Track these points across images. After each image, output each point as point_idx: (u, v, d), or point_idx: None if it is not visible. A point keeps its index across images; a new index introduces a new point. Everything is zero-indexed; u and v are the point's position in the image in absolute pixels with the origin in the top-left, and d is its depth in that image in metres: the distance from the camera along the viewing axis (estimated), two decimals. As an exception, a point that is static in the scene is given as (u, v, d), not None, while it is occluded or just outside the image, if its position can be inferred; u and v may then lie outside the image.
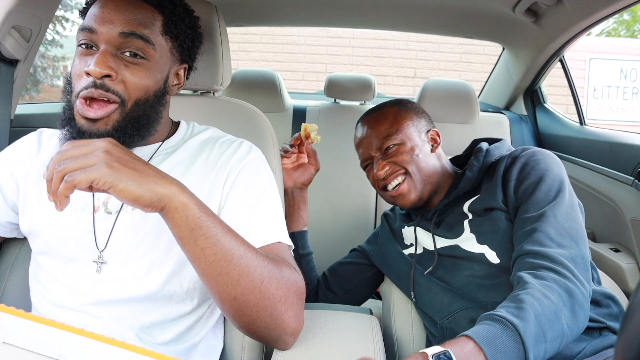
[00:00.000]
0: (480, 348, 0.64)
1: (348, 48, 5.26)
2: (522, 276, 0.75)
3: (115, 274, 0.72)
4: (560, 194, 0.86)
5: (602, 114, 4.90)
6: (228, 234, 0.61)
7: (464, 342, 0.66)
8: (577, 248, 0.79)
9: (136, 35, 0.68)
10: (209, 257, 0.59)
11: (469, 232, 0.94)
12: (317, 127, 1.21)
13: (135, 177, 0.55)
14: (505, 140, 1.08)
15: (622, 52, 5.09)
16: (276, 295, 0.63)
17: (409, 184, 1.01)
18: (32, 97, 7.28)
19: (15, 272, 0.84)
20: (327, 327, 0.78)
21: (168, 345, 0.74)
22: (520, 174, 0.91)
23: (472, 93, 1.93)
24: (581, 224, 0.85)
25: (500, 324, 0.67)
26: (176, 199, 0.57)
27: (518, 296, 0.71)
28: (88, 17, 0.69)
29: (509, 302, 0.71)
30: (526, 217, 0.84)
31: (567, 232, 0.81)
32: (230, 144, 0.81)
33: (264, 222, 0.73)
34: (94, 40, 0.68)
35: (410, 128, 1.04)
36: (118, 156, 0.56)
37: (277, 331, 0.65)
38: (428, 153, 1.04)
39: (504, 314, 0.68)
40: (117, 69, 0.67)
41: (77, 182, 0.53)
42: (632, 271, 1.37)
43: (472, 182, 0.99)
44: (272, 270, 0.64)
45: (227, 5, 1.77)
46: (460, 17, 1.77)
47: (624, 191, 1.44)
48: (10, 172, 0.78)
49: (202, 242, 0.59)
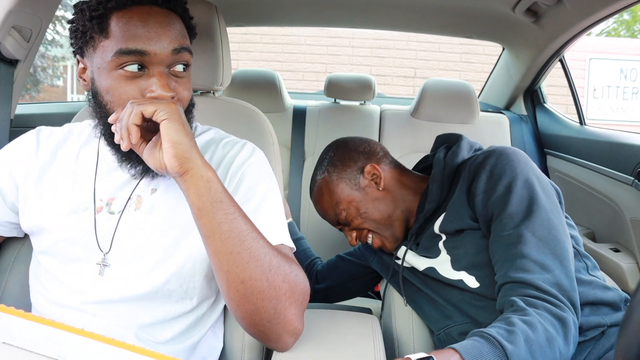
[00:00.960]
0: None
1: (348, 48, 5.26)
2: (515, 300, 0.73)
3: (117, 275, 0.72)
4: (534, 201, 0.80)
5: (602, 114, 4.90)
6: (243, 216, 0.63)
7: (450, 354, 0.66)
8: (560, 267, 0.75)
9: (185, 49, 0.68)
10: (224, 232, 0.60)
11: (445, 253, 0.91)
12: None
13: (184, 131, 0.61)
14: (464, 140, 1.00)
15: (622, 52, 5.09)
16: (282, 287, 0.63)
17: (378, 237, 1.02)
18: (32, 97, 7.28)
19: (15, 272, 0.84)
20: (327, 327, 0.78)
21: (168, 344, 0.74)
22: (486, 187, 0.84)
23: (472, 93, 1.93)
24: (561, 224, 0.81)
25: (490, 343, 0.66)
26: (204, 169, 0.61)
27: (510, 318, 0.70)
28: (128, 38, 0.64)
29: (500, 323, 0.70)
30: (504, 235, 0.80)
31: (549, 247, 0.77)
32: (233, 145, 0.81)
33: (266, 224, 0.72)
34: (144, 61, 0.65)
35: (345, 190, 1.01)
36: (180, 115, 0.62)
37: (279, 327, 0.65)
38: (375, 198, 0.99)
39: (494, 333, 0.67)
40: (174, 88, 0.68)
41: (143, 109, 0.59)
42: (632, 271, 1.37)
43: (437, 199, 0.95)
44: (281, 262, 0.64)
45: (227, 5, 1.77)
46: (460, 17, 1.77)
47: (624, 191, 1.44)
48: (9, 172, 0.77)
49: (221, 216, 0.61)
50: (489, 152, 0.88)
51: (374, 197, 0.99)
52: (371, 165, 1.01)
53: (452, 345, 0.67)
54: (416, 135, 1.94)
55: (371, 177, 1.00)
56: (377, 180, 1.00)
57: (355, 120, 1.99)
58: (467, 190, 0.88)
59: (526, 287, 0.74)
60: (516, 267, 0.76)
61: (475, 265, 0.86)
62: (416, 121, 1.98)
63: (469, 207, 0.88)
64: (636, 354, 0.30)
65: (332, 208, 1.03)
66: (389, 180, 1.01)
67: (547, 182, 0.86)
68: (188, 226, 0.72)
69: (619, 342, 0.32)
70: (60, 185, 0.75)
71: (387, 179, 1.01)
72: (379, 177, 1.00)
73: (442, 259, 0.91)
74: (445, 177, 0.95)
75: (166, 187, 0.75)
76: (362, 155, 1.03)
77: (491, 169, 0.85)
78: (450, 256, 0.90)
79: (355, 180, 1.01)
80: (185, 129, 0.61)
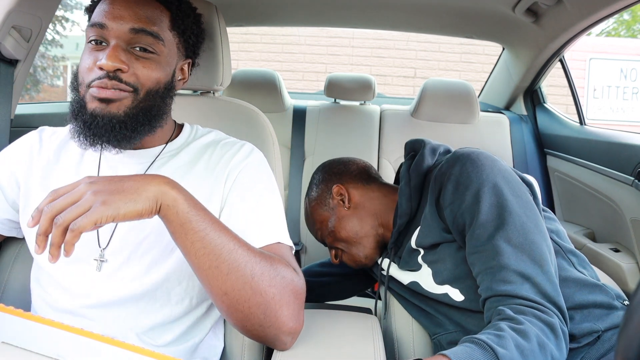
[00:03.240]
0: None
1: (348, 48, 5.26)
2: (503, 309, 0.72)
3: (115, 272, 0.72)
4: (505, 208, 0.78)
5: (602, 114, 4.90)
6: (217, 229, 0.62)
7: (441, 358, 0.65)
8: (541, 273, 0.74)
9: (146, 32, 0.70)
10: (198, 250, 0.60)
11: (426, 267, 0.90)
12: None
13: (129, 196, 0.57)
14: (426, 146, 0.99)
15: (622, 52, 5.09)
16: (269, 292, 0.63)
17: (348, 256, 1.05)
18: (32, 97, 7.29)
19: (15, 272, 0.84)
20: (327, 327, 0.78)
21: (168, 346, 0.74)
22: (453, 198, 0.82)
23: (472, 93, 1.93)
24: (535, 225, 0.78)
25: (481, 348, 0.66)
26: (167, 196, 0.59)
27: (498, 324, 0.69)
28: (97, 14, 0.70)
29: (490, 330, 0.69)
30: (479, 248, 0.78)
31: (527, 253, 0.75)
32: (232, 145, 0.81)
33: (264, 222, 0.73)
34: (104, 35, 0.70)
35: (318, 210, 1.07)
36: (105, 187, 0.57)
37: (273, 330, 0.65)
38: (342, 217, 1.03)
39: (485, 339, 0.67)
40: (128, 62, 0.69)
41: (82, 227, 0.54)
42: (632, 271, 1.37)
43: (408, 213, 0.94)
44: (264, 267, 0.63)
45: (227, 5, 1.77)
46: (460, 17, 1.77)
47: (624, 191, 1.44)
48: (11, 171, 0.78)
49: (192, 236, 0.60)
50: (453, 160, 0.86)
51: (341, 215, 1.03)
52: (337, 185, 1.04)
53: (442, 352, 0.67)
54: (416, 135, 1.91)
55: (339, 196, 1.04)
56: (344, 199, 1.03)
57: (355, 120, 1.99)
58: (436, 202, 0.87)
59: (511, 299, 0.73)
60: (497, 280, 0.74)
61: (457, 278, 0.84)
62: (416, 121, 1.98)
63: (440, 220, 0.86)
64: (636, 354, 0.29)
65: (311, 227, 1.11)
66: (358, 198, 1.04)
67: (516, 180, 0.83)
68: None
69: (619, 343, 0.32)
70: (63, 184, 0.75)
71: (356, 196, 1.04)
72: (345, 197, 1.03)
73: (424, 272, 0.91)
74: (412, 190, 0.94)
75: None
76: (335, 177, 1.07)
77: (457, 178, 0.83)
78: (431, 269, 0.89)
79: (326, 201, 1.06)
80: (126, 194, 0.57)
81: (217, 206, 0.75)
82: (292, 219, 1.85)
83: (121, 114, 0.69)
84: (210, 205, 0.74)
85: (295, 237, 1.84)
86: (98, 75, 0.68)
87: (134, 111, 0.71)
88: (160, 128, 0.77)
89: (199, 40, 0.84)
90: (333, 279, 1.24)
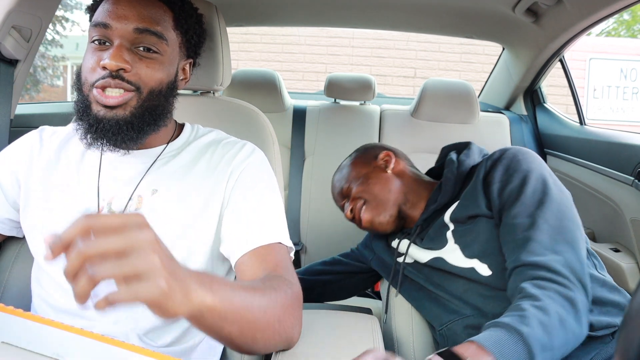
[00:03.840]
0: (487, 351, 0.64)
1: (348, 48, 5.26)
2: (524, 287, 0.74)
3: None
4: (547, 194, 0.84)
5: (602, 114, 4.90)
6: (235, 306, 0.55)
7: (468, 345, 0.66)
8: (572, 252, 0.77)
9: (150, 32, 0.71)
10: (220, 331, 0.55)
11: (452, 242, 0.93)
12: None
13: (181, 289, 0.45)
14: (474, 144, 1.07)
15: (622, 52, 5.09)
16: (280, 324, 0.62)
17: (370, 211, 1.06)
18: (32, 97, 7.29)
19: (15, 272, 0.84)
20: (327, 327, 0.78)
21: (168, 347, 0.74)
22: (503, 177, 0.89)
23: (472, 93, 1.93)
24: (573, 216, 0.84)
25: (506, 330, 0.67)
26: (204, 306, 0.49)
27: (520, 305, 0.71)
28: (100, 13, 0.70)
29: (512, 312, 0.71)
30: (516, 223, 0.82)
31: (561, 235, 0.79)
32: (233, 145, 0.81)
33: (264, 222, 0.73)
34: (107, 35, 0.70)
35: (358, 166, 1.13)
36: (168, 260, 0.44)
37: (285, 344, 0.66)
38: (381, 176, 1.08)
39: (508, 321, 0.68)
40: (132, 62, 0.69)
41: (118, 301, 0.40)
42: (632, 271, 1.37)
43: (450, 194, 0.98)
44: (269, 305, 0.60)
45: (227, 5, 1.77)
46: (460, 17, 1.77)
47: (624, 191, 1.44)
48: (12, 170, 0.78)
49: (216, 328, 0.54)
50: (506, 149, 0.94)
51: (379, 175, 1.08)
52: (386, 152, 1.12)
53: (469, 339, 0.68)
54: (416, 135, 1.94)
55: (384, 161, 1.11)
56: (388, 165, 1.10)
57: (355, 120, 1.99)
58: (484, 179, 0.92)
59: (537, 269, 0.75)
60: (527, 250, 0.78)
61: (486, 254, 0.88)
62: (416, 121, 1.98)
63: (484, 196, 0.91)
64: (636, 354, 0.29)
65: (342, 180, 1.14)
66: (400, 168, 1.10)
67: (560, 183, 0.90)
68: (186, 227, 0.73)
69: (618, 342, 0.32)
70: (64, 184, 0.76)
71: (399, 166, 1.10)
72: (389, 162, 1.10)
73: (450, 248, 0.93)
74: (458, 175, 0.99)
75: (167, 188, 0.75)
76: (382, 148, 1.16)
77: (508, 162, 0.90)
78: (459, 245, 0.92)
79: (369, 161, 1.12)
80: (179, 284, 0.45)
81: (218, 206, 0.75)
82: (292, 219, 1.85)
83: (127, 115, 0.70)
84: (211, 204, 0.74)
85: (295, 237, 1.84)
86: (101, 75, 0.68)
87: (140, 111, 0.71)
88: (164, 127, 0.77)
89: (200, 40, 0.84)
90: (334, 277, 1.24)
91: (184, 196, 0.74)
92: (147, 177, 0.75)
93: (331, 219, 1.86)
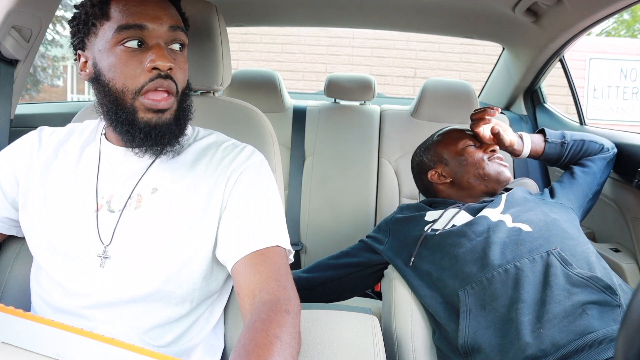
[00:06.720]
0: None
1: (348, 48, 5.26)
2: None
3: (117, 271, 0.72)
4: None
5: (602, 114, 4.90)
6: None
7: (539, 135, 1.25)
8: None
9: (180, 29, 0.72)
10: None
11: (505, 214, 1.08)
12: None
13: None
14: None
15: (622, 52, 5.09)
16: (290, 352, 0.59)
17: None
18: (32, 97, 7.29)
19: (15, 272, 0.84)
20: (327, 327, 0.78)
21: (169, 347, 0.74)
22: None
23: (472, 93, 1.93)
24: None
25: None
26: None
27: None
28: (129, 15, 0.68)
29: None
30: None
31: None
32: (233, 148, 0.81)
33: (264, 225, 0.72)
34: (143, 37, 0.69)
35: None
36: None
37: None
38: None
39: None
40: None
41: None
42: (632, 271, 1.37)
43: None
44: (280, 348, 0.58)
45: (227, 5, 1.77)
46: (460, 17, 1.77)
47: (624, 191, 1.44)
48: (11, 169, 0.78)
49: None
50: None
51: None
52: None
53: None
54: (416, 135, 1.94)
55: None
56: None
57: (355, 120, 1.99)
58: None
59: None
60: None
61: (531, 221, 1.02)
62: (416, 121, 1.98)
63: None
64: (636, 354, 0.29)
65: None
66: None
67: None
68: (186, 226, 0.72)
69: (618, 342, 0.32)
70: (63, 182, 0.75)
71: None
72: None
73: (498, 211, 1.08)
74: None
75: (167, 187, 0.75)
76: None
77: None
78: (512, 215, 1.05)
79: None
80: None
81: (217, 208, 0.74)
82: (292, 219, 1.84)
83: (172, 120, 0.71)
84: (210, 206, 0.74)
85: (295, 237, 1.84)
86: (150, 78, 0.67)
87: (177, 114, 0.72)
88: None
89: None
90: (343, 271, 1.22)
91: (185, 195, 0.74)
92: (147, 175, 0.75)
93: (331, 219, 1.86)
